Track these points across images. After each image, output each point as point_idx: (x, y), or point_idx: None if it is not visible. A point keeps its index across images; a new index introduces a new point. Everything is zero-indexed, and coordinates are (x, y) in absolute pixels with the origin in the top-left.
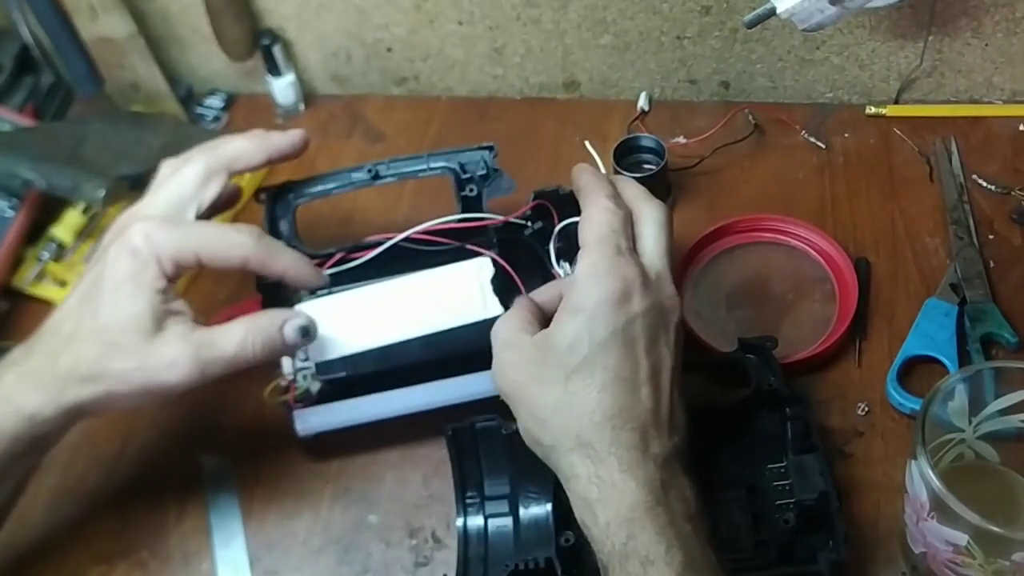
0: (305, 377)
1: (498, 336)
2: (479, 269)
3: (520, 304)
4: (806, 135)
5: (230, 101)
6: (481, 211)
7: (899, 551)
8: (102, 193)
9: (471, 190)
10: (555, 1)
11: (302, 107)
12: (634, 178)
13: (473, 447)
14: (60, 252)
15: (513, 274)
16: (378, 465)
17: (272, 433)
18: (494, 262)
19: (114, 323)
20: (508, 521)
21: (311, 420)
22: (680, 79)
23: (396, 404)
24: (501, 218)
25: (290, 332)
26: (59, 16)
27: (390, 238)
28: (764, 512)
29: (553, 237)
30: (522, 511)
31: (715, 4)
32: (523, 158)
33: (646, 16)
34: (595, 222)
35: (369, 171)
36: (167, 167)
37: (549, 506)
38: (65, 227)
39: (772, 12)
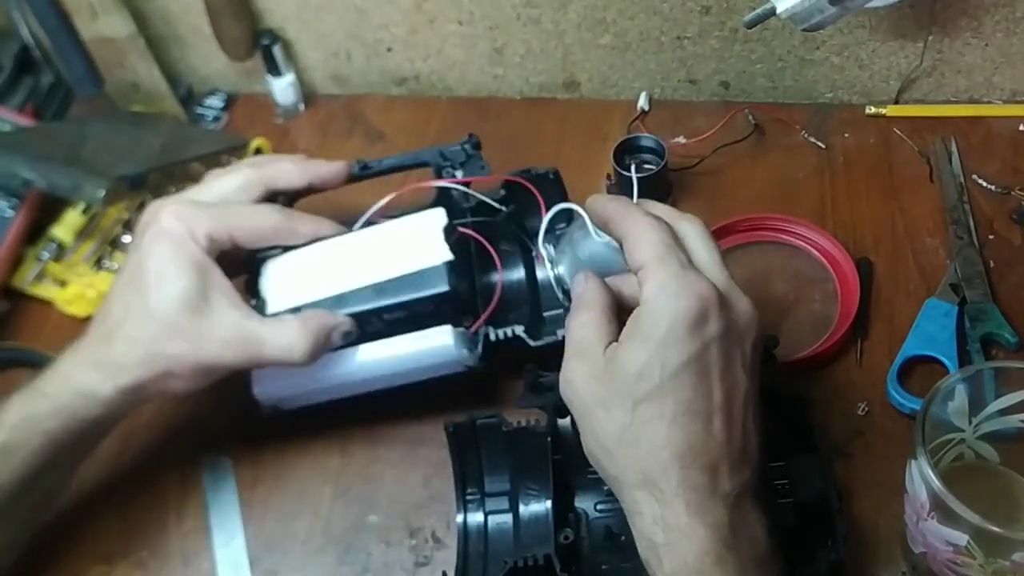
0: None
1: (572, 336)
2: (433, 216)
3: (596, 299)
4: (806, 135)
5: (230, 101)
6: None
7: (899, 551)
8: (102, 193)
9: (448, 173)
10: (555, 1)
11: (302, 107)
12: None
13: (473, 444)
14: (60, 252)
15: (489, 247)
16: (378, 465)
17: (272, 433)
18: (471, 239)
19: (162, 305)
20: (508, 518)
21: (271, 383)
22: (680, 79)
23: (354, 364)
24: (462, 180)
25: (336, 339)
26: (59, 16)
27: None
28: (764, 512)
29: (545, 220)
30: (522, 508)
31: (715, 4)
32: (523, 158)
33: (646, 16)
34: (646, 240)
35: (359, 163)
36: (212, 174)
37: (549, 503)
38: (65, 227)
39: (772, 12)
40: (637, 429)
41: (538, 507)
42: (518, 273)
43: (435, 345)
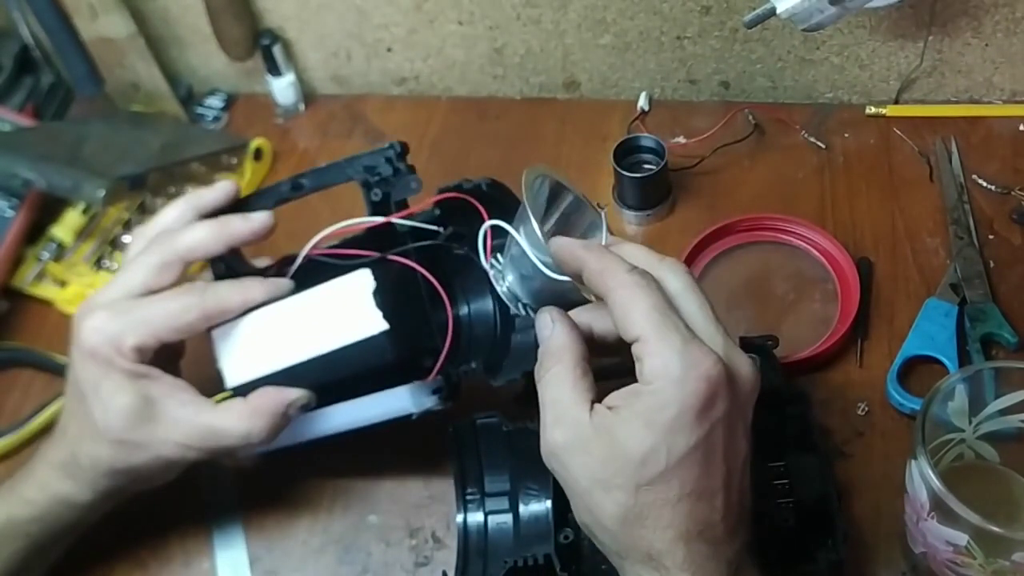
0: None
1: (546, 393)
2: (359, 282)
3: (567, 347)
4: (806, 135)
5: (230, 101)
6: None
7: (899, 551)
8: (102, 193)
9: (376, 194)
10: (555, 1)
11: (302, 107)
12: (634, 178)
13: (474, 444)
14: (60, 252)
15: (434, 281)
16: (378, 465)
17: None
18: (410, 271)
19: (110, 426)
20: (508, 518)
21: None
22: (680, 79)
23: (324, 423)
24: (382, 220)
25: (294, 413)
26: (59, 16)
27: (310, 253)
28: (763, 511)
29: (483, 232)
30: (522, 508)
31: (715, 4)
32: (523, 158)
33: (646, 16)
34: (637, 306)
35: (291, 183)
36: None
37: (549, 503)
38: (65, 227)
39: (772, 12)
40: (640, 510)
41: (538, 507)
42: (481, 300)
43: (393, 406)
